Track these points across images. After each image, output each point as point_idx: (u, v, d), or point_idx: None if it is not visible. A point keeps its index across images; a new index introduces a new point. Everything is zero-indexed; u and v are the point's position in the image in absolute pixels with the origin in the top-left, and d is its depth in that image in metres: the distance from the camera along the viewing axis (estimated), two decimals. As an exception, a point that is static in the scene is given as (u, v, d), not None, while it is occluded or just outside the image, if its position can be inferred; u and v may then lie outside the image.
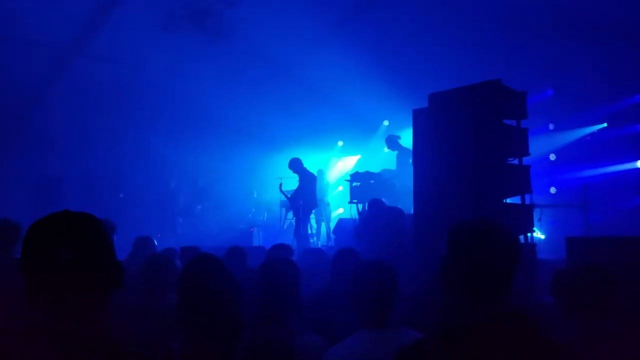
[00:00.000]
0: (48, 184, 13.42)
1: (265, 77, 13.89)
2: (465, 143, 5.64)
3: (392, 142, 11.55)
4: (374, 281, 2.97)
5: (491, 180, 5.45)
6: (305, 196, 10.70)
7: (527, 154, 5.78)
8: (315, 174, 11.36)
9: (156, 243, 6.65)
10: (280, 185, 11.32)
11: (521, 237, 5.61)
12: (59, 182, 13.61)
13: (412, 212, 6.59)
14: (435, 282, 3.63)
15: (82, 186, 14.20)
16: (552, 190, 12.06)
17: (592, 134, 12.27)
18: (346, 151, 16.83)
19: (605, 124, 12.08)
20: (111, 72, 12.84)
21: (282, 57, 12.74)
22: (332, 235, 11.41)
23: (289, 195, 11.10)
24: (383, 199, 8.03)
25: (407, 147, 10.68)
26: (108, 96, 13.44)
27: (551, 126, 12.54)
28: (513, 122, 5.82)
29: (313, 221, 12.40)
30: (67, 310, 1.61)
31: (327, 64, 12.67)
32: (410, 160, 9.58)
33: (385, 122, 15.21)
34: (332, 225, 12.02)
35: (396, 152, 11.46)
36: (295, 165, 10.90)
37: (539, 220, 9.68)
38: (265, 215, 15.14)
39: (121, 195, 14.76)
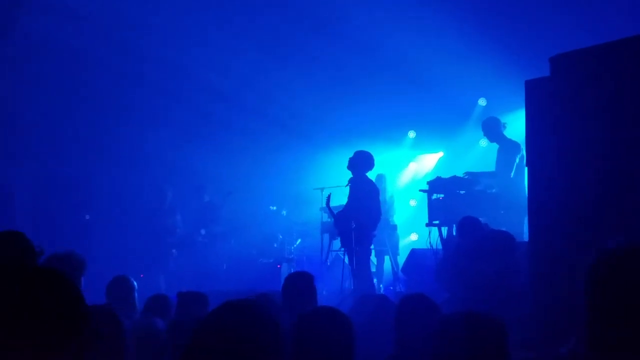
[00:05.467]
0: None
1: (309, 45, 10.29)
2: (628, 130, 3.96)
3: (492, 128, 8.10)
4: (471, 346, 2.23)
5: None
6: (362, 215, 7.46)
7: None
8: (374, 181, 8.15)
9: (136, 287, 5.15)
10: (329, 198, 8.07)
11: None
12: (8, 196, 10.29)
13: (525, 238, 5.39)
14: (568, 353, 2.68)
15: (32, 202, 10.61)
16: None
17: None
18: (421, 146, 12.14)
19: None
20: (76, 31, 9.46)
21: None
22: (400, 275, 8.45)
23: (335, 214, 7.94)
24: (481, 219, 6.01)
25: (513, 139, 7.93)
26: (68, 67, 9.95)
27: None
28: None
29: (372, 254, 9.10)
30: None
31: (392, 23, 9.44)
32: (519, 156, 7.49)
33: (482, 102, 10.96)
34: (401, 260, 8.92)
35: (498, 145, 8.17)
36: (362, 162, 7.60)
37: None
38: (299, 243, 10.97)
39: (87, 217, 11.05)
